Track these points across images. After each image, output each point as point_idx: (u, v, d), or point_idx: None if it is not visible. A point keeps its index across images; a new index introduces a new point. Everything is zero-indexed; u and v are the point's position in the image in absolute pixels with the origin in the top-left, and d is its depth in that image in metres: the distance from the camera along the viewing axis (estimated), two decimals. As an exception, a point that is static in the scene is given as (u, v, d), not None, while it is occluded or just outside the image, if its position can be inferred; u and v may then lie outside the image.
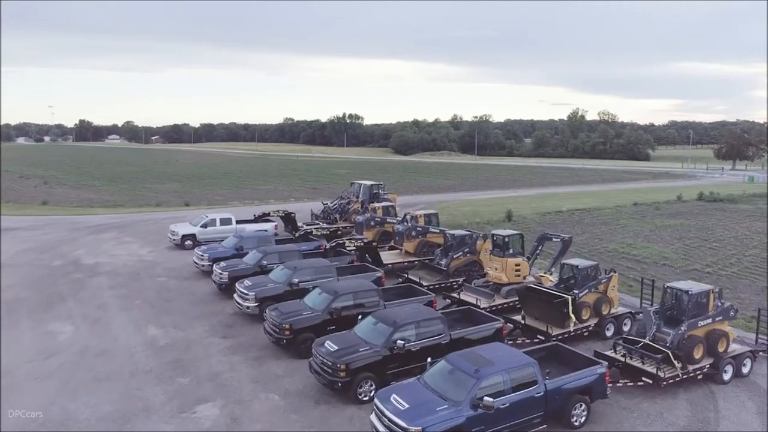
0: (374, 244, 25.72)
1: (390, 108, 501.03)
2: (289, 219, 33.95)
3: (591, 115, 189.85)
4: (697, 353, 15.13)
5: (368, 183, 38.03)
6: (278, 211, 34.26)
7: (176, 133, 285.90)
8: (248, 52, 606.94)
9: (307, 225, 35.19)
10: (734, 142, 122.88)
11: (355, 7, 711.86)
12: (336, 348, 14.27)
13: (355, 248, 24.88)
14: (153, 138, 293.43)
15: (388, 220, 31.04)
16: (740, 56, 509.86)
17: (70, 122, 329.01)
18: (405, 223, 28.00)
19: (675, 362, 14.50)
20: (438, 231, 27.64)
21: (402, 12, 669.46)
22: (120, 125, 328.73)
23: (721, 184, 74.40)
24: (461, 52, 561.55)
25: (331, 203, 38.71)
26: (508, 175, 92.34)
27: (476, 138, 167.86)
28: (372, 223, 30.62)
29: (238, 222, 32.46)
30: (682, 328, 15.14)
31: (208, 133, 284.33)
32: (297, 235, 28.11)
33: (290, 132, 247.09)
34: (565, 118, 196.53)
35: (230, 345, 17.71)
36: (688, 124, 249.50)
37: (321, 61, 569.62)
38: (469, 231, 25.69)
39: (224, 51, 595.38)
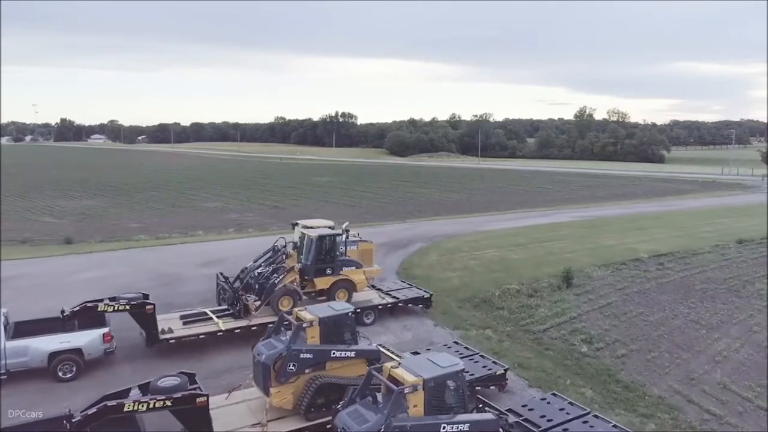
0: None
1: (387, 108, 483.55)
2: (143, 316, 16.40)
3: (595, 115, 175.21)
4: None
5: (315, 232, 19.92)
6: (118, 300, 16.34)
7: (162, 133, 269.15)
8: (247, 52, 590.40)
9: (186, 322, 17.80)
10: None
11: (354, 7, 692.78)
12: None
13: None
14: (139, 138, 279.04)
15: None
16: (739, 56, 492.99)
17: (60, 121, 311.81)
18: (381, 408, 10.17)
19: None
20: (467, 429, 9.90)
21: (401, 12, 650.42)
22: (105, 124, 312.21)
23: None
24: (460, 51, 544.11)
25: (254, 262, 21.19)
26: (525, 186, 74.49)
27: (479, 139, 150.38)
28: (292, 379, 11.96)
29: (19, 332, 14.97)
30: None
31: (196, 132, 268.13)
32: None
33: (281, 131, 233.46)
34: (566, 118, 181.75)
35: None
36: (691, 123, 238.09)
37: (319, 61, 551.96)
38: None
39: (223, 51, 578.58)
